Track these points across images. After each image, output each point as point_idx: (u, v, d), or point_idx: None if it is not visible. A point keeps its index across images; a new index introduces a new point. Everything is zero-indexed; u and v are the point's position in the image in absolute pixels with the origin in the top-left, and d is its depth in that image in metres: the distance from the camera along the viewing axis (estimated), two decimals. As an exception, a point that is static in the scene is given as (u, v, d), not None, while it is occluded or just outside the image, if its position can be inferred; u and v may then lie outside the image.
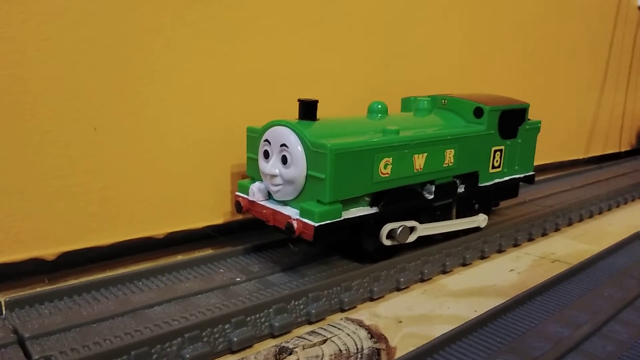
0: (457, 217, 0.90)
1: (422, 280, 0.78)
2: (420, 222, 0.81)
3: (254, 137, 0.77)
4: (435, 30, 1.15)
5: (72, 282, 0.70)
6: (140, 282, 0.70)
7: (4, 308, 0.61)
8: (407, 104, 0.95)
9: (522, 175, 0.99)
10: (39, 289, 0.67)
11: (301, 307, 0.65)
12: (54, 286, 0.67)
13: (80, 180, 0.72)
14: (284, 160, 0.71)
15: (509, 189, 0.99)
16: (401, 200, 0.77)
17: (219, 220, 0.87)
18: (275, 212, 0.72)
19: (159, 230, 0.81)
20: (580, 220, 1.13)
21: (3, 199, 0.67)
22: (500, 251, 0.92)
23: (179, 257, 0.82)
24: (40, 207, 0.70)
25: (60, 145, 0.70)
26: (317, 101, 0.74)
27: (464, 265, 0.85)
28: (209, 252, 0.82)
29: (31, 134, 0.68)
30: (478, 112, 0.89)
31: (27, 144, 0.67)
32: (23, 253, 0.70)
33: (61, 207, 0.71)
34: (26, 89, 0.66)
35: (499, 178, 0.94)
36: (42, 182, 0.69)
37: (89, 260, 0.78)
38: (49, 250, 0.72)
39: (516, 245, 0.95)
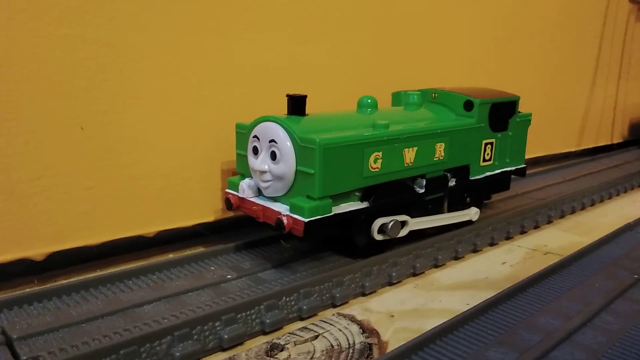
0: (449, 211, 0.90)
1: (414, 275, 0.78)
2: (412, 217, 0.81)
3: (243, 133, 0.76)
4: (425, 24, 1.14)
5: (62, 282, 0.69)
6: (130, 281, 0.69)
7: (-9, 309, 0.60)
8: (398, 98, 0.95)
9: (514, 168, 0.99)
10: (28, 290, 0.66)
11: (292, 303, 0.64)
12: (43, 286, 0.67)
13: (69, 179, 0.72)
14: (273, 156, 0.70)
15: (501, 182, 0.99)
16: (392, 195, 0.77)
17: (209, 217, 0.87)
18: (265, 208, 0.72)
19: (149, 228, 0.81)
20: (573, 212, 1.13)
21: (-10, 199, 0.67)
22: (492, 244, 0.92)
23: (170, 256, 0.81)
24: (28, 207, 0.69)
25: (48, 144, 0.69)
26: (305, 96, 0.73)
27: (456, 258, 0.85)
28: (199, 250, 0.81)
29: (17, 133, 0.67)
30: (468, 105, 0.89)
31: (13, 143, 0.67)
32: (11, 254, 0.69)
33: (49, 207, 0.71)
34: (12, 87, 0.66)
35: (490, 171, 0.94)
36: (29, 182, 0.69)
37: (78, 260, 0.78)
38: (38, 251, 0.71)
39: (508, 238, 0.95)
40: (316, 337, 0.60)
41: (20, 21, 0.65)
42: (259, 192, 0.75)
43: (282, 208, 0.70)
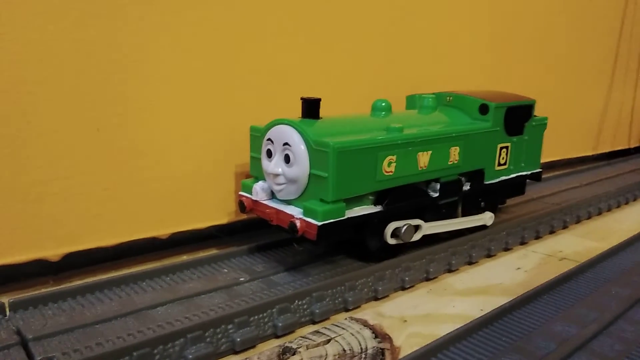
0: (463, 215, 0.89)
1: (428, 279, 0.78)
2: (425, 221, 0.81)
3: (257, 136, 0.76)
4: (440, 27, 1.14)
5: (76, 282, 0.70)
6: (144, 283, 0.70)
7: (7, 309, 0.61)
8: (412, 101, 0.95)
9: (529, 173, 0.98)
10: (43, 290, 0.67)
11: (305, 306, 0.64)
12: (57, 287, 0.67)
13: (84, 180, 0.72)
14: (287, 159, 0.70)
15: (516, 187, 0.98)
16: (406, 199, 0.77)
17: (223, 220, 0.87)
18: (278, 211, 0.72)
19: (163, 230, 0.81)
20: (589, 217, 1.11)
21: (7, 200, 0.67)
22: (506, 249, 0.91)
23: (184, 257, 0.82)
24: (44, 208, 0.70)
25: (64, 146, 0.70)
26: (319, 99, 0.73)
27: (470, 263, 0.84)
28: (213, 252, 0.82)
29: (34, 135, 0.68)
30: (483, 109, 0.88)
31: (30, 145, 0.68)
32: (27, 254, 0.70)
33: (65, 208, 0.71)
34: (28, 90, 0.66)
35: (505, 175, 0.93)
36: (46, 183, 0.69)
37: (93, 261, 0.78)
38: (54, 251, 0.72)
39: (523, 243, 0.94)
40: (328, 341, 0.60)
41: (37, 24, 0.65)
42: (273, 195, 0.75)
43: (295, 211, 0.70)
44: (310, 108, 0.73)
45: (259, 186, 0.75)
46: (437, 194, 0.81)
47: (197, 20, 0.78)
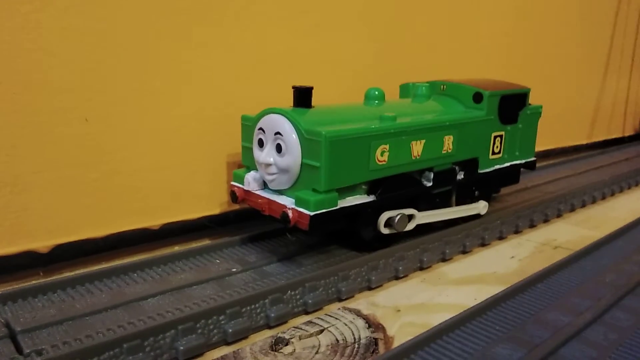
0: (457, 205, 0.89)
1: (421, 269, 0.77)
2: (419, 210, 0.80)
3: (249, 125, 0.75)
4: (434, 14, 1.13)
5: (67, 274, 0.69)
6: (135, 274, 0.69)
7: (-4, 302, 0.60)
8: (406, 90, 0.94)
9: (523, 161, 0.98)
10: (33, 282, 0.66)
11: (298, 297, 0.64)
12: (47, 279, 0.66)
13: (73, 171, 0.71)
14: (279, 148, 0.69)
15: (510, 175, 0.98)
16: (399, 188, 0.76)
17: (215, 210, 0.86)
18: (270, 201, 0.71)
19: (155, 221, 0.80)
20: (583, 206, 1.11)
21: (-6, 191, 0.66)
22: (500, 238, 0.91)
23: (176, 248, 0.81)
24: (33, 199, 0.69)
25: (52, 136, 0.69)
26: (311, 88, 0.72)
27: (463, 252, 0.84)
28: (205, 242, 0.81)
29: (22, 125, 0.66)
30: (477, 98, 0.88)
31: (18, 136, 0.66)
32: (17, 246, 0.69)
33: (54, 199, 0.71)
34: (16, 80, 0.65)
35: (500, 164, 0.93)
36: (34, 174, 0.68)
37: (84, 253, 0.77)
38: (43, 243, 0.71)
39: (517, 231, 0.94)
40: (321, 331, 0.59)
41: (24, 12, 0.64)
42: (265, 185, 0.74)
43: (287, 201, 0.69)
44: (302, 97, 0.72)
45: (250, 176, 0.74)
46: (430, 183, 0.81)
47: (187, 9, 0.76)
